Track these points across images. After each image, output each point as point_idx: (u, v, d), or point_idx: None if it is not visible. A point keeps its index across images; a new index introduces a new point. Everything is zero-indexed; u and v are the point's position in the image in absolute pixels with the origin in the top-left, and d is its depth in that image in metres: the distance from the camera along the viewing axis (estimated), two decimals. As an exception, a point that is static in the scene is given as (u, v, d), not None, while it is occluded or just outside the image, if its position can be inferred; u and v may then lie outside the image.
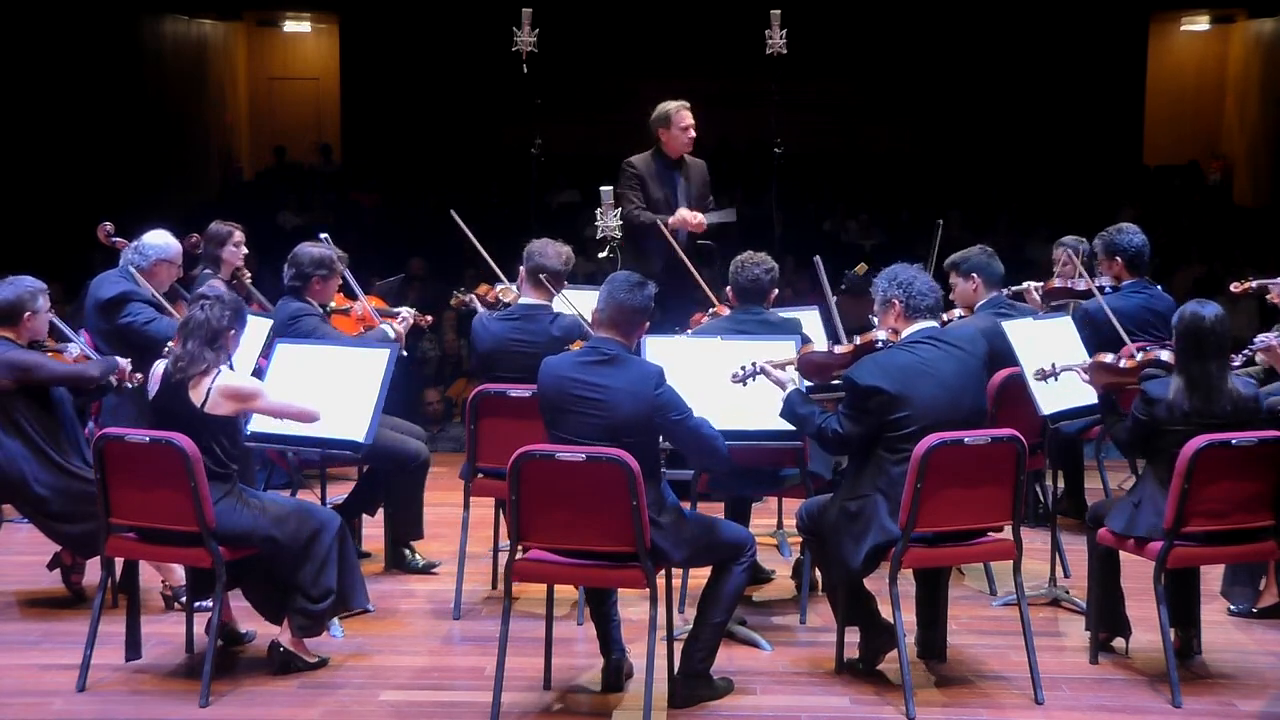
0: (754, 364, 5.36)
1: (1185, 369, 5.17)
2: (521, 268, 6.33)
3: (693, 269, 7.29)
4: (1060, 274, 7.36)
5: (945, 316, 6.67)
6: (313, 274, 6.47)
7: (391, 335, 6.62)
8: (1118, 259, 6.86)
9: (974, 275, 6.51)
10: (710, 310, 6.93)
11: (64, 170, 14.77)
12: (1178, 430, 5.09)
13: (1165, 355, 5.36)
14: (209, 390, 5.15)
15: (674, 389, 4.94)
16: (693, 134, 7.89)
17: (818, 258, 6.22)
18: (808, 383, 5.47)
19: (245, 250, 7.26)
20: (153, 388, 5.29)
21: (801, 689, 5.25)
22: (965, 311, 6.56)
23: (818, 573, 5.70)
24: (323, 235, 6.91)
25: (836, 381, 5.39)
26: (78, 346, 6.09)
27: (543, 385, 5.02)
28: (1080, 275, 7.15)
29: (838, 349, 5.42)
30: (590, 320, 5.41)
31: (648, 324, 5.15)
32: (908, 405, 5.00)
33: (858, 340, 5.34)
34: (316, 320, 6.42)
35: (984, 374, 5.26)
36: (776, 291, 6.21)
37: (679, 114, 7.85)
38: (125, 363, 6.00)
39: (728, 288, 6.28)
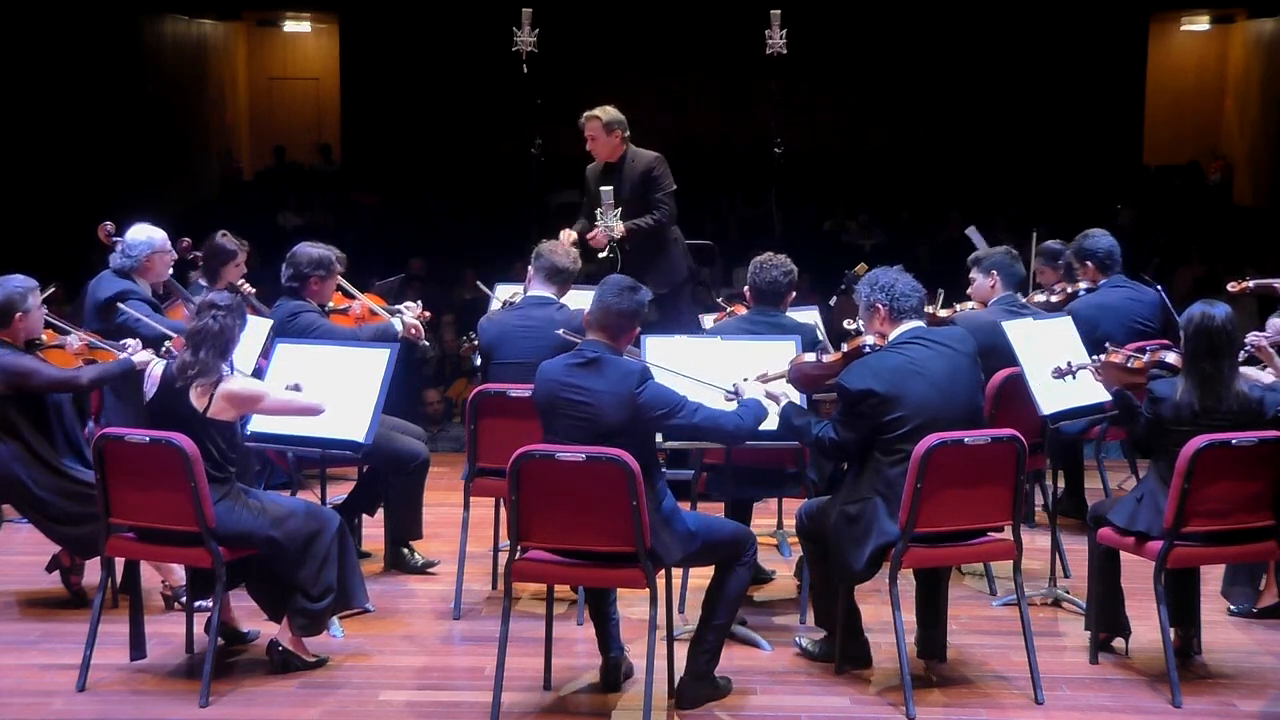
0: (746, 379, 5.37)
1: (1195, 368, 5.17)
2: (530, 266, 6.37)
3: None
4: (1041, 283, 7.47)
5: (957, 307, 6.72)
6: (310, 274, 6.46)
7: (399, 328, 6.61)
8: (1089, 263, 7.00)
9: (994, 272, 6.61)
10: (727, 310, 6.95)
11: (64, 170, 14.78)
12: (1184, 430, 5.09)
13: (1171, 358, 5.37)
14: (213, 395, 5.15)
15: (660, 386, 4.91)
16: (590, 144, 7.66)
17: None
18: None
19: (245, 270, 7.21)
20: (150, 389, 5.28)
21: (801, 689, 5.25)
22: (978, 305, 6.63)
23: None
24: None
25: (829, 386, 5.40)
26: (77, 338, 6.07)
27: (537, 389, 5.03)
28: (1060, 281, 7.30)
29: (826, 358, 5.42)
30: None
31: (637, 328, 5.14)
32: (900, 405, 5.01)
33: (845, 347, 5.35)
34: (315, 315, 6.42)
35: (976, 370, 5.26)
36: (794, 294, 6.23)
37: (583, 125, 7.66)
38: (135, 343, 5.97)
39: (745, 288, 6.29)
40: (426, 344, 7.10)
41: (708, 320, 7.20)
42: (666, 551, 4.88)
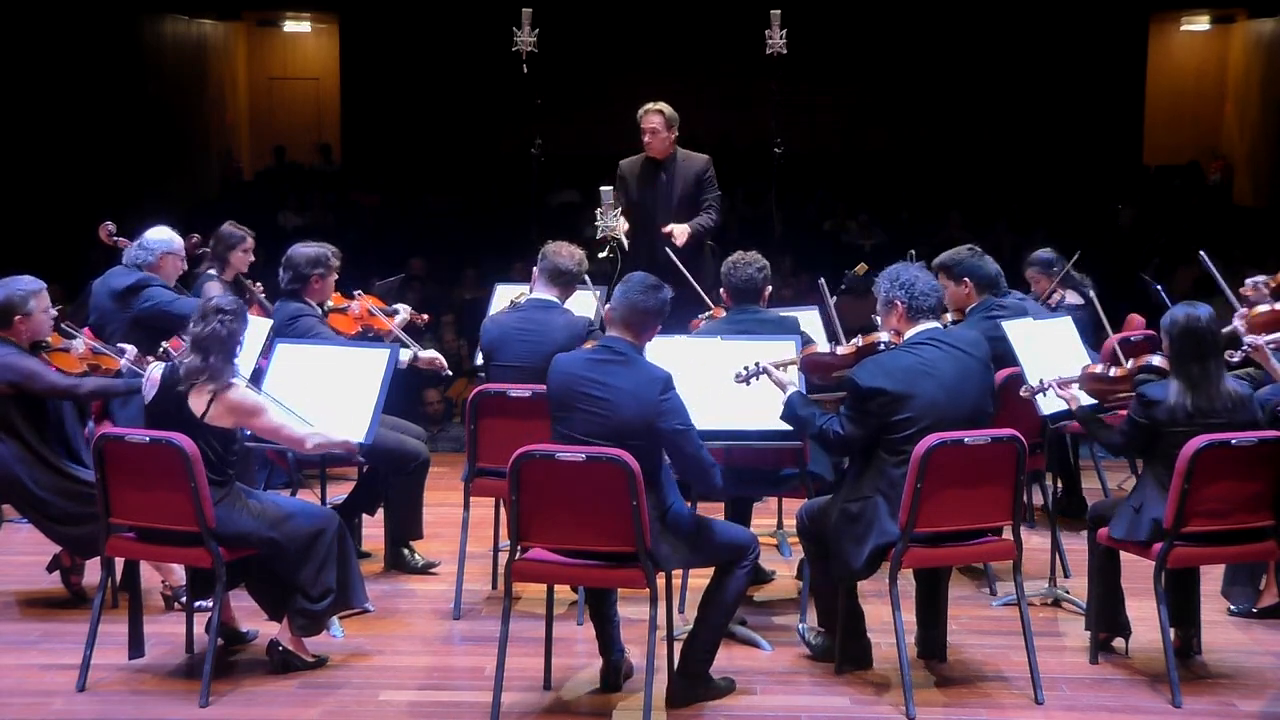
0: (757, 364, 5.37)
1: (1184, 370, 5.17)
2: (535, 268, 6.35)
3: (683, 270, 7.21)
4: (1035, 292, 7.46)
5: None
6: (311, 274, 6.48)
7: (405, 360, 6.56)
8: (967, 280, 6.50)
9: (966, 279, 6.40)
10: (706, 314, 6.92)
11: (64, 170, 14.78)
12: (1179, 431, 5.09)
13: (1157, 360, 5.38)
14: (213, 401, 5.15)
15: (680, 399, 4.92)
16: (649, 137, 7.78)
17: (822, 280, 6.26)
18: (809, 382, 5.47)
19: (253, 258, 7.29)
20: (149, 392, 5.28)
21: (801, 689, 5.26)
22: (956, 315, 6.50)
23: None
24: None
25: (837, 378, 5.40)
26: (82, 342, 6.09)
27: (552, 381, 5.02)
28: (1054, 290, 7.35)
29: (840, 349, 5.43)
30: (601, 320, 5.40)
31: (659, 327, 5.13)
32: (909, 406, 5.00)
33: (860, 341, 5.34)
34: (314, 320, 6.44)
35: (987, 375, 5.26)
36: (770, 289, 6.21)
37: (642, 117, 7.82)
38: (131, 350, 6.01)
39: (720, 289, 6.27)
40: (450, 374, 7.10)
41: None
42: (664, 560, 4.89)
